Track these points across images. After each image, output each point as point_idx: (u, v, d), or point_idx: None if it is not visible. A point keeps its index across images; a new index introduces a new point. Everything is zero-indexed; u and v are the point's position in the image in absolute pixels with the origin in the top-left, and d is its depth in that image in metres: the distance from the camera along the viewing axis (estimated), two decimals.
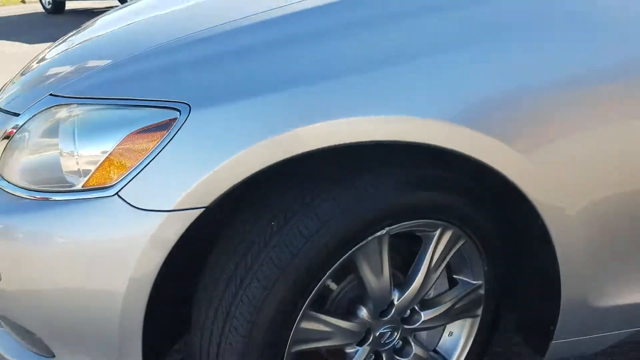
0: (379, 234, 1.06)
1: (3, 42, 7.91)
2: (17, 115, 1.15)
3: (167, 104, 0.99)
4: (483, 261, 1.23)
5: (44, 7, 11.44)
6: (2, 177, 1.11)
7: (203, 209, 0.97)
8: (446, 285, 1.28)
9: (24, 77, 1.40)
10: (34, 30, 9.08)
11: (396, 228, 1.08)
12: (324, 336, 1.10)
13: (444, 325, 1.32)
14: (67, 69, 1.24)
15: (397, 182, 1.07)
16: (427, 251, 1.16)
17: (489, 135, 1.00)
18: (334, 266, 1.04)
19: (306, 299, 1.03)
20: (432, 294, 1.27)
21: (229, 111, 0.97)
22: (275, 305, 1.00)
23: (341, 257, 1.04)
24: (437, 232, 1.15)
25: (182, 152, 0.97)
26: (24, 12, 12.05)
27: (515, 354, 1.59)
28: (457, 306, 1.25)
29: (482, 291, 1.26)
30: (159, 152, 0.97)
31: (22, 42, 7.86)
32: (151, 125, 0.99)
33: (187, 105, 0.98)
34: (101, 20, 1.69)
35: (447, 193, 1.11)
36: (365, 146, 1.00)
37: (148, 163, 0.97)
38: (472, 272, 1.25)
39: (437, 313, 1.23)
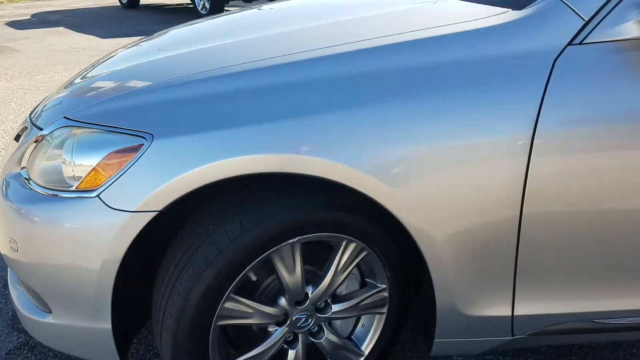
0: (291, 241, 1.40)
1: (78, 35, 8.60)
2: (41, 129, 1.55)
3: (137, 133, 1.36)
4: (386, 269, 1.54)
5: (120, 1, 12.22)
6: (29, 176, 1.50)
7: (157, 213, 1.33)
8: (357, 286, 1.60)
9: (61, 92, 1.80)
10: (108, 24, 9.78)
11: (307, 238, 1.42)
12: (245, 315, 1.45)
13: (356, 318, 1.64)
14: (87, 94, 1.62)
15: (305, 203, 1.40)
16: (334, 258, 1.49)
17: (365, 173, 1.31)
18: (254, 262, 1.38)
19: (229, 286, 1.38)
20: (344, 291, 1.59)
21: (181, 142, 1.33)
22: (203, 288, 1.35)
23: (259, 257, 1.38)
24: (343, 244, 1.47)
25: (144, 169, 1.33)
26: (102, 5, 12.90)
27: None
28: (363, 303, 1.57)
29: (386, 293, 1.58)
30: (129, 168, 1.34)
31: (95, 36, 8.53)
32: (126, 148, 1.36)
33: (151, 135, 1.34)
34: (160, 39, 2.08)
35: (348, 214, 1.43)
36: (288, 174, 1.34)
37: (121, 175, 1.34)
38: (378, 277, 1.57)
39: (346, 307, 1.56)
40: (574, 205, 1.36)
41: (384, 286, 1.57)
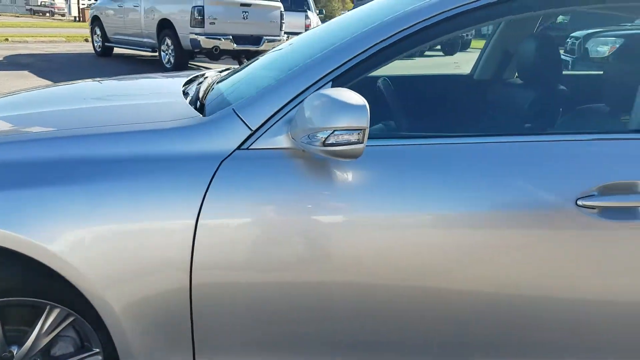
0: None
1: (37, 80, 8.88)
2: None
3: None
4: (98, 334, 1.66)
5: (95, 49, 12.61)
6: None
7: None
8: (72, 348, 1.71)
9: None
10: (74, 70, 10.08)
11: (2, 302, 1.54)
12: None
13: None
14: None
15: None
16: (38, 321, 1.61)
17: (43, 245, 1.44)
18: None
19: None
20: (57, 352, 1.70)
21: None
22: None
23: None
24: (47, 309, 1.59)
25: None
26: (79, 52, 13.31)
27: None
28: None
29: (100, 357, 1.69)
30: None
31: (53, 81, 8.80)
32: None
33: None
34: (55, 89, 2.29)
35: (44, 281, 1.55)
36: None
37: None
38: (92, 341, 1.68)
39: None
40: (237, 285, 1.52)
41: (97, 350, 1.68)
